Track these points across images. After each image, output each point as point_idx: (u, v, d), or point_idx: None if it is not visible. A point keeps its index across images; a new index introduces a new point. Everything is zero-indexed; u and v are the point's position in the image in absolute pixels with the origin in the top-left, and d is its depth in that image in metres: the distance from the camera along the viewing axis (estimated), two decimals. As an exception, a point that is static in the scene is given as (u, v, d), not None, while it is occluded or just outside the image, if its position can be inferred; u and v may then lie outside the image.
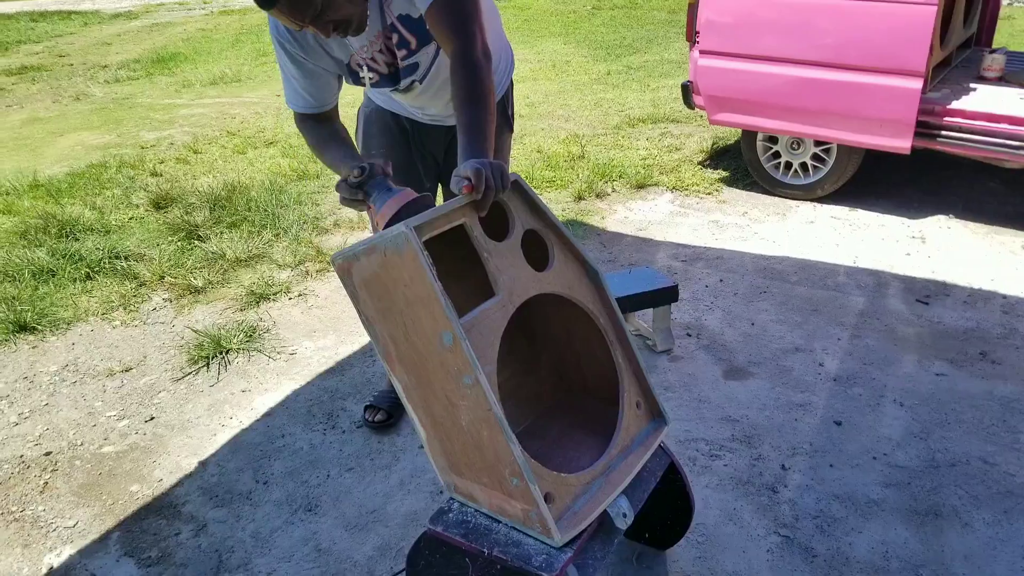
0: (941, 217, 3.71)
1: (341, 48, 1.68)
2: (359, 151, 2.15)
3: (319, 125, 1.74)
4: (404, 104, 1.99)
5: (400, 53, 1.72)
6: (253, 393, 2.55)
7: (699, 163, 4.54)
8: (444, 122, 2.02)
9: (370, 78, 1.76)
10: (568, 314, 1.61)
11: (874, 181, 4.11)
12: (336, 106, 1.79)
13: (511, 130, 2.12)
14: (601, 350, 1.62)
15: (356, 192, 1.50)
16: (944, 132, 3.41)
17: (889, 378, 2.50)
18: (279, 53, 1.67)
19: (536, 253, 1.51)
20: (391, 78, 1.79)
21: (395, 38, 1.69)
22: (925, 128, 3.42)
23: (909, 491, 2.02)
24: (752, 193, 4.09)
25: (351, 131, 2.17)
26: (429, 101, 1.93)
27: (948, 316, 2.85)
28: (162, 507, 2.07)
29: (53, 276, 3.34)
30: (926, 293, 3.02)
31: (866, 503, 1.98)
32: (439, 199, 2.21)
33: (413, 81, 1.82)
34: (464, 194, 1.35)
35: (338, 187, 1.52)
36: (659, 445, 1.64)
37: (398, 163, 2.10)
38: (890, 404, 2.38)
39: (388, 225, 1.44)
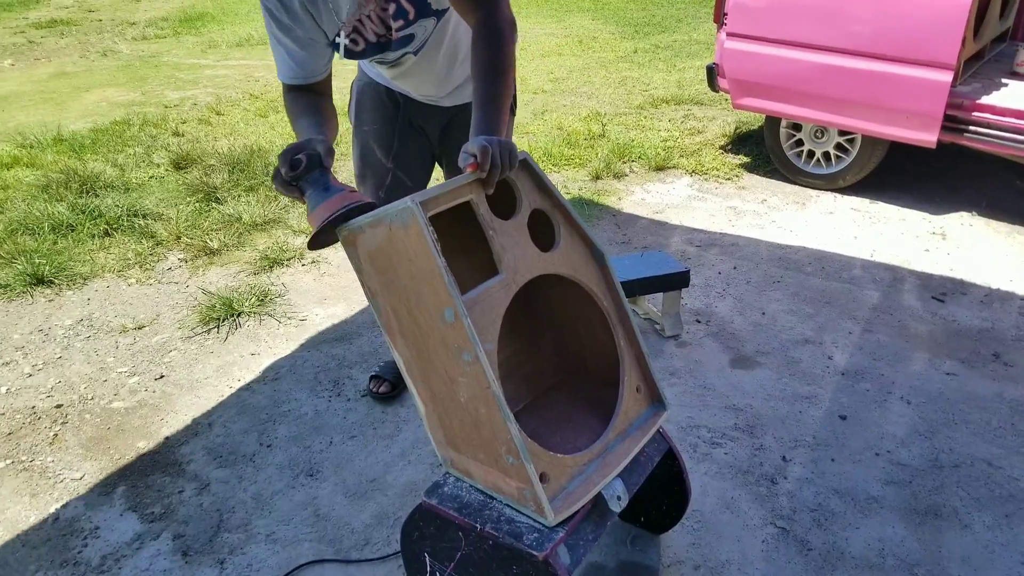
0: (963, 214, 3.65)
1: (329, 16, 1.59)
2: (351, 124, 2.06)
3: (303, 96, 1.63)
4: (397, 83, 1.92)
5: (396, 24, 1.64)
6: (262, 356, 2.58)
7: (720, 147, 4.48)
8: (439, 102, 1.94)
9: (351, 40, 1.65)
10: (572, 295, 1.61)
11: (897, 174, 4.05)
12: (328, 78, 1.67)
13: (512, 113, 2.02)
14: (603, 332, 1.62)
15: (291, 188, 1.38)
16: (972, 127, 3.34)
17: (898, 375, 2.48)
18: (268, 20, 1.58)
19: (542, 233, 1.51)
20: (378, 47, 1.69)
21: (392, 8, 1.60)
22: (952, 122, 3.36)
23: (910, 489, 2.01)
24: (772, 180, 4.04)
25: (344, 104, 2.09)
26: (421, 79, 1.84)
27: (963, 315, 2.81)
28: (167, 464, 2.11)
29: (72, 231, 3.38)
30: (942, 291, 2.98)
31: (865, 499, 1.98)
32: (437, 180, 2.15)
33: (406, 53, 1.73)
34: (469, 172, 1.35)
35: (273, 177, 1.39)
36: (658, 430, 1.64)
37: (388, 139, 2.02)
38: (897, 401, 2.36)
39: (319, 231, 1.35)
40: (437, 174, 2.19)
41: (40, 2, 9.98)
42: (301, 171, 1.35)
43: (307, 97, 1.63)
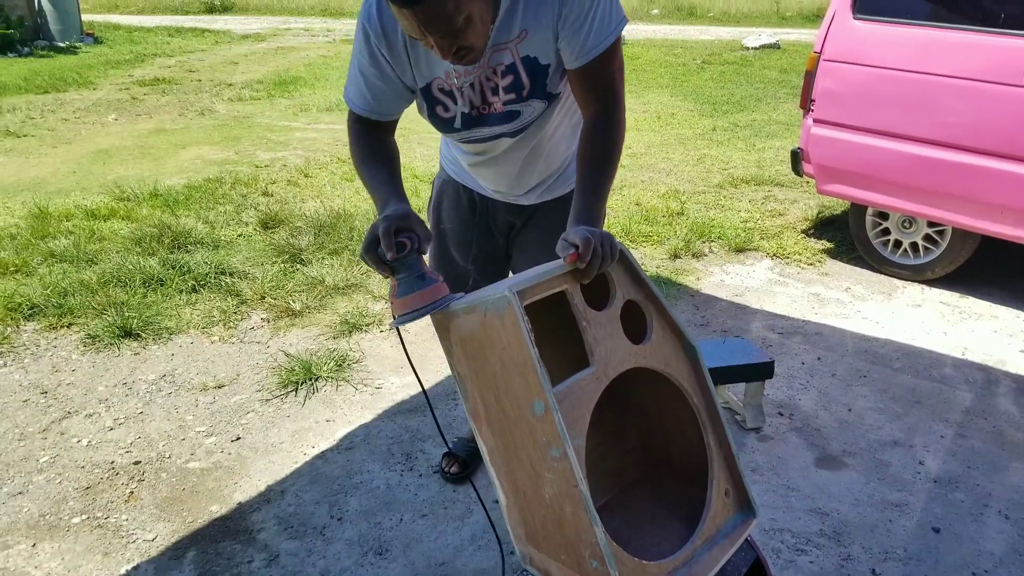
0: (1065, 314, 3.46)
1: (429, 67, 1.50)
2: (427, 220, 1.96)
3: (372, 132, 1.58)
4: (473, 172, 1.84)
5: (506, 96, 1.53)
6: (337, 424, 2.59)
7: (803, 231, 4.40)
8: (516, 200, 1.85)
9: (442, 105, 1.57)
10: (660, 389, 1.57)
11: (989, 268, 3.88)
12: (396, 121, 1.61)
13: None
14: (692, 430, 1.57)
15: (383, 266, 1.31)
16: (1075, 225, 3.20)
17: (995, 486, 2.32)
18: (360, 44, 1.49)
19: (634, 323, 1.48)
20: (469, 120, 1.58)
21: (509, 79, 1.50)
22: (1053, 219, 3.22)
23: (1015, 619, 1.86)
24: (857, 268, 3.93)
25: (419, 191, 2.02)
26: (501, 171, 1.75)
27: (1069, 425, 2.64)
28: (238, 531, 2.11)
29: (162, 285, 3.51)
30: (1045, 397, 2.81)
31: (965, 626, 1.83)
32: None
33: (502, 135, 1.62)
34: (568, 262, 1.34)
35: (366, 248, 1.30)
36: (746, 539, 1.56)
37: (466, 238, 1.97)
38: (995, 515, 2.20)
39: (401, 317, 1.34)
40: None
41: (145, 61, 10.69)
42: (403, 255, 1.32)
43: (375, 136, 1.58)
